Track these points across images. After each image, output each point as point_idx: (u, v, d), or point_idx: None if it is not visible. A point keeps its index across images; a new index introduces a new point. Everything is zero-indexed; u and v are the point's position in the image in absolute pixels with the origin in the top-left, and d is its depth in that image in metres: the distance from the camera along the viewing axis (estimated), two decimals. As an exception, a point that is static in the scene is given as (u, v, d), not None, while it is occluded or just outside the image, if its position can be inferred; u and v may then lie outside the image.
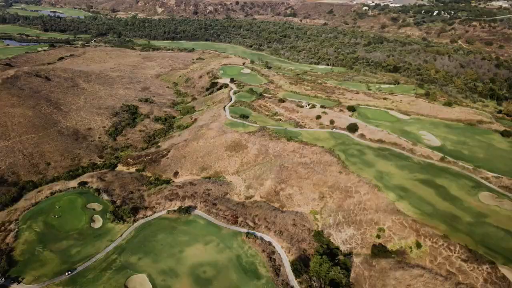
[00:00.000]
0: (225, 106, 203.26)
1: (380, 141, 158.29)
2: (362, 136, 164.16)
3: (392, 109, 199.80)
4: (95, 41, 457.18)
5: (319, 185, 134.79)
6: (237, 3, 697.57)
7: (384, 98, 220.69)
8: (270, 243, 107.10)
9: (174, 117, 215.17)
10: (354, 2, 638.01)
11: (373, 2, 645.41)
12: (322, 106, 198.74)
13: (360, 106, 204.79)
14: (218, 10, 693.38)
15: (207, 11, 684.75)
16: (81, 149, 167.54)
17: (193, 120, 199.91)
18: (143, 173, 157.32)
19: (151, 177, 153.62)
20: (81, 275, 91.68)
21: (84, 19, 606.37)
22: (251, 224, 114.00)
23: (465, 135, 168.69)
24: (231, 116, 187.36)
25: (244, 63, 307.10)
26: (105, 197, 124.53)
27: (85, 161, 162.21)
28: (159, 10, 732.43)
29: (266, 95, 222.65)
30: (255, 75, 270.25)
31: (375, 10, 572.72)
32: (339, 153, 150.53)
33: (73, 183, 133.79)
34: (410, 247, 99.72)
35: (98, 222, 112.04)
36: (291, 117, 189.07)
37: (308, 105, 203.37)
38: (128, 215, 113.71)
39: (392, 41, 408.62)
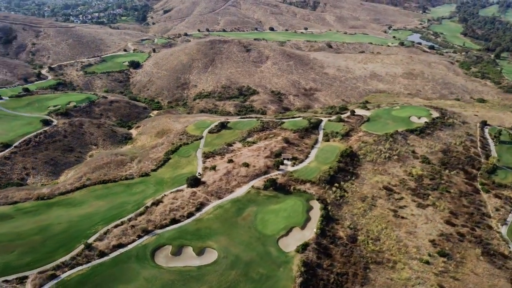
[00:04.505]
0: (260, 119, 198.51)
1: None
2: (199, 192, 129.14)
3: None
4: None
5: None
6: None
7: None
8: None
9: (262, 113, 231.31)
10: None
11: None
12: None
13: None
14: None
15: None
16: (171, 92, 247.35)
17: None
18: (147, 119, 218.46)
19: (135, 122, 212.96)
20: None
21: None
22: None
23: None
24: (221, 121, 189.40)
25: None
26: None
27: (161, 98, 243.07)
28: None
29: (322, 132, 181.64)
30: (410, 124, 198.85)
31: None
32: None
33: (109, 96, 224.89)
34: None
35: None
36: (241, 154, 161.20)
37: (289, 160, 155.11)
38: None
39: None
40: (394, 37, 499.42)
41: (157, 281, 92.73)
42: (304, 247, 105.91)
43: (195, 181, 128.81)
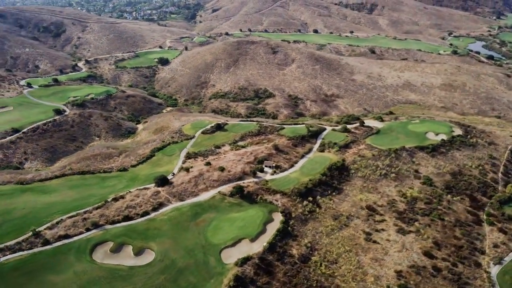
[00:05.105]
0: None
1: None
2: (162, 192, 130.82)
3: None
4: None
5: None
6: None
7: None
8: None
9: (273, 117, 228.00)
10: None
11: None
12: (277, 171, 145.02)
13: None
14: None
15: None
16: (190, 90, 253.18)
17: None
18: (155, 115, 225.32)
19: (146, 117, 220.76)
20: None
21: None
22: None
23: None
24: (218, 123, 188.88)
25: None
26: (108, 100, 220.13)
27: (179, 95, 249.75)
28: None
29: (320, 142, 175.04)
30: (424, 140, 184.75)
31: None
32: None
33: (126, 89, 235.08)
34: None
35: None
36: (225, 157, 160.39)
37: (271, 168, 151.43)
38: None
39: None
40: (451, 44, 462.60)
41: (85, 276, 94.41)
42: (244, 260, 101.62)
43: (162, 181, 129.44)
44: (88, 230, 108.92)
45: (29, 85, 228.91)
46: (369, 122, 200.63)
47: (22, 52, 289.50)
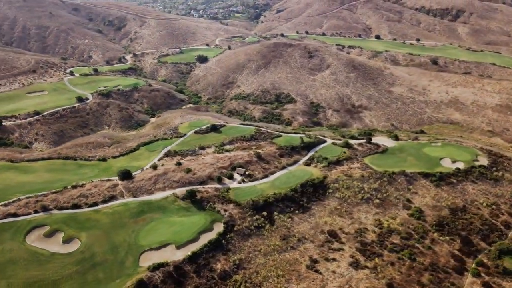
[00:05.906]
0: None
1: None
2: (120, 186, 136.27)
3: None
4: None
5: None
6: None
7: None
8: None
9: (287, 124, 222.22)
10: None
11: None
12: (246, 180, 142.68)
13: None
14: None
15: None
16: (215, 89, 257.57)
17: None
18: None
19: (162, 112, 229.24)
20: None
21: None
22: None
23: None
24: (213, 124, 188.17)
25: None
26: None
27: (204, 94, 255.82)
28: None
29: (311, 155, 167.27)
30: (435, 166, 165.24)
31: None
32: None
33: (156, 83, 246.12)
34: None
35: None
36: (203, 159, 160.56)
37: (242, 176, 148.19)
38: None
39: None
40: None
41: (8, 254, 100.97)
42: (158, 266, 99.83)
43: (124, 175, 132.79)
44: (36, 212, 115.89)
45: (71, 73, 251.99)
46: (379, 139, 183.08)
47: (81, 43, 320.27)
